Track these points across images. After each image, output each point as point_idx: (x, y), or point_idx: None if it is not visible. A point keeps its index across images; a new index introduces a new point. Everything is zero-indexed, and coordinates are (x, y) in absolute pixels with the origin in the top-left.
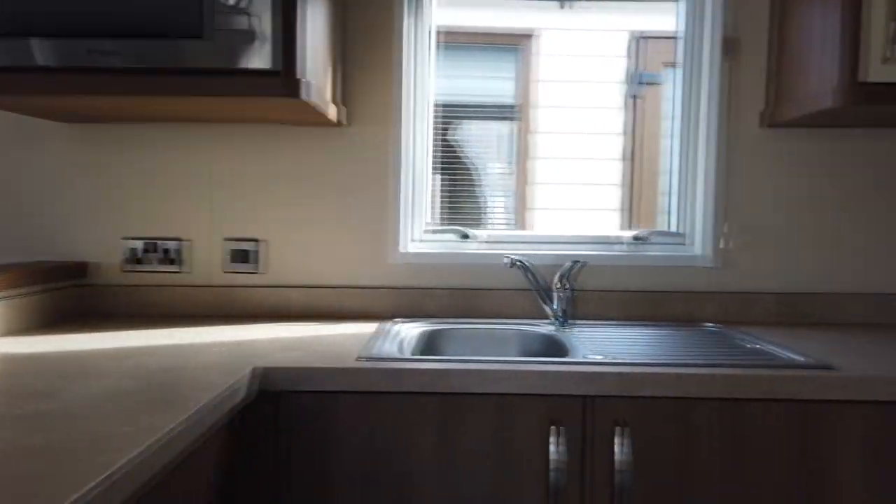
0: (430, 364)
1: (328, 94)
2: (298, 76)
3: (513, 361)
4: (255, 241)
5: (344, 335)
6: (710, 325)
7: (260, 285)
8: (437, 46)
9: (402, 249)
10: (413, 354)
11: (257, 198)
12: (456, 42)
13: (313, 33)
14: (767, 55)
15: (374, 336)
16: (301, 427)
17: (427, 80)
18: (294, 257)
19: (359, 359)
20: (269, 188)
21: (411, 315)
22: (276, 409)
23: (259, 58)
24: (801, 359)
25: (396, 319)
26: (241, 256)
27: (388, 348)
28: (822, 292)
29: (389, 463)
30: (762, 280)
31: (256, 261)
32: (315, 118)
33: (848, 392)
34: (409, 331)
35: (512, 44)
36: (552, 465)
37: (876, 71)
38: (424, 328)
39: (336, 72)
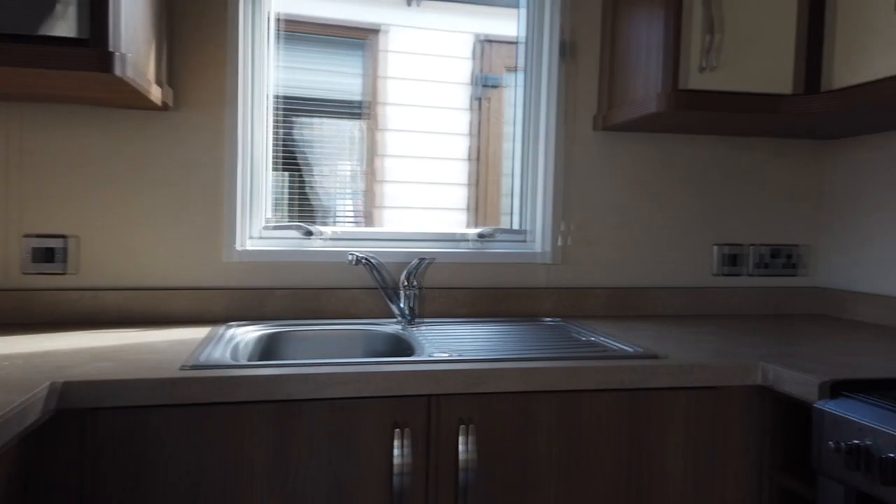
0: (264, 370)
1: (151, 73)
2: (111, 48)
3: (354, 363)
4: (64, 237)
5: (168, 342)
6: (549, 319)
7: (69, 288)
8: (278, 35)
9: (238, 247)
10: (249, 360)
11: (67, 189)
12: (299, 32)
13: (130, 1)
14: (600, 60)
15: (205, 342)
16: (112, 447)
17: (265, 69)
18: (111, 256)
19: (183, 368)
20: (83, 178)
21: (249, 318)
22: (82, 428)
23: (63, 24)
24: (631, 349)
25: (231, 323)
26: (44, 255)
27: (219, 355)
28: (646, 287)
29: (219, 480)
30: (595, 276)
31: (65, 260)
32: (136, 99)
33: (671, 379)
34: (246, 335)
35: (359, 38)
36: (396, 469)
37: (694, 79)
38: (263, 332)
39: (161, 50)
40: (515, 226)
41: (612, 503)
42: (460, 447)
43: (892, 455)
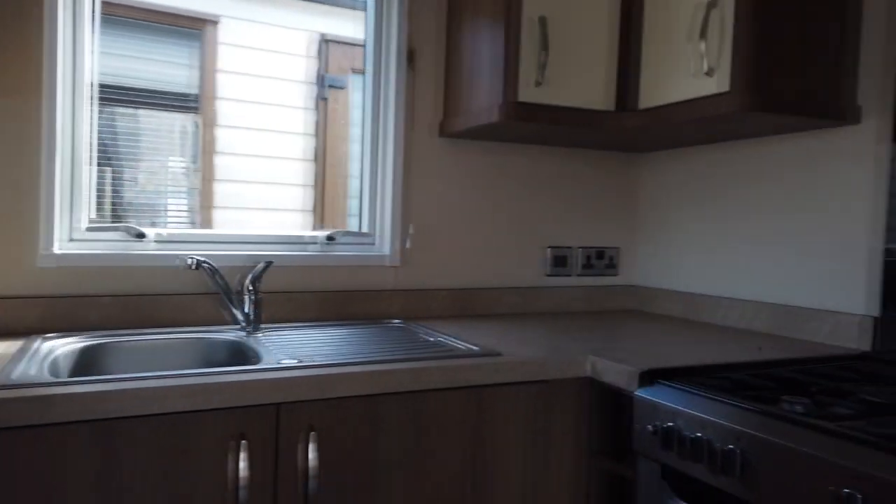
0: (85, 387)
1: None
2: None
3: (191, 374)
4: None
5: None
6: (396, 320)
7: None
8: (98, 17)
9: (56, 250)
10: (71, 376)
11: None
12: (125, 17)
13: None
14: (445, 69)
15: (14, 358)
16: None
17: (85, 54)
18: None
19: None
20: None
21: (68, 329)
22: None
23: None
24: (475, 347)
25: (48, 335)
26: None
27: (31, 371)
28: (485, 287)
29: None
30: (438, 277)
31: None
32: None
33: (511, 375)
34: (64, 348)
35: (192, 28)
36: (241, 483)
37: (528, 92)
38: (84, 343)
39: None
40: (362, 228)
41: (457, 495)
42: (309, 454)
43: (698, 434)
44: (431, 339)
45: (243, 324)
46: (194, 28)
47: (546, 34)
